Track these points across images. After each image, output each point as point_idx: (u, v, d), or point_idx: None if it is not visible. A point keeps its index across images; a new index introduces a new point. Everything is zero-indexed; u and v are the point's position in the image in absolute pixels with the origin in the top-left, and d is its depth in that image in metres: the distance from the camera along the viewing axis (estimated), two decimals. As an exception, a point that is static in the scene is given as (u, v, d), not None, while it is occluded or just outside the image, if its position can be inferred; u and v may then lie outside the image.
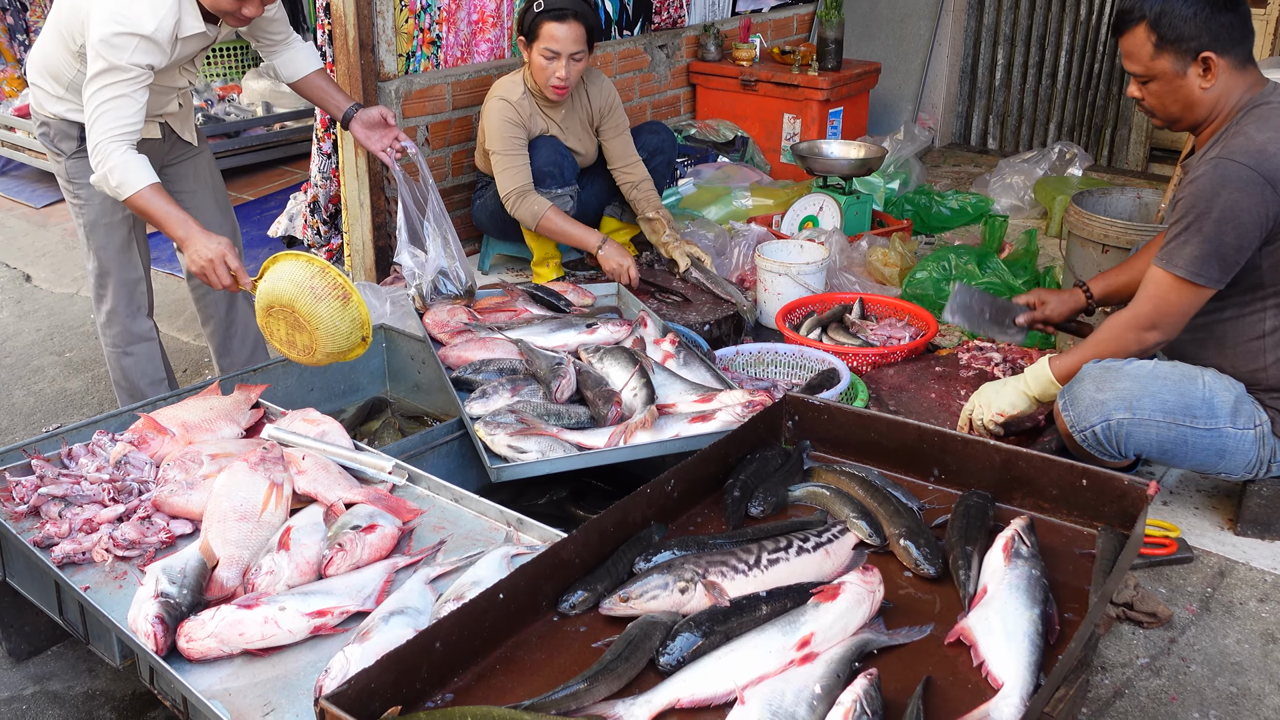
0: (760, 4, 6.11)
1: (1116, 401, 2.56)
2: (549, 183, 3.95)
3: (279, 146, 6.20)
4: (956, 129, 6.82)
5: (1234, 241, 2.45)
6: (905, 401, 3.26)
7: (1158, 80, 2.57)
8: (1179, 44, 2.50)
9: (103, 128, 2.71)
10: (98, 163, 2.73)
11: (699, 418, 2.60)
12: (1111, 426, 2.57)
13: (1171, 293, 2.54)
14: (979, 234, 4.75)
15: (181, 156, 3.19)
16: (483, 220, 4.26)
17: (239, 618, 1.88)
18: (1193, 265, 2.50)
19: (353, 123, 3.28)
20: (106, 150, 2.72)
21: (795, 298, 3.88)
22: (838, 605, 1.83)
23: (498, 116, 3.92)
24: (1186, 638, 2.44)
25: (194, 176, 3.22)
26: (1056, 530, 2.19)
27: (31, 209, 5.74)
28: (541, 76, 3.89)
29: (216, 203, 3.29)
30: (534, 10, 3.81)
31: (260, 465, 2.27)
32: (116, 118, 2.72)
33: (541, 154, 3.95)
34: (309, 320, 2.65)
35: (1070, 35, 6.24)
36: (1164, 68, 2.54)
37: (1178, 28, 2.49)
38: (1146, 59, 2.55)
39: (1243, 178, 2.42)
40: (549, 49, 3.81)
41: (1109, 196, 3.70)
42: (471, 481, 2.67)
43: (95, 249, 3.11)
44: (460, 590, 1.97)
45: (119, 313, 3.16)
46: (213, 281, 2.79)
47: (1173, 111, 2.61)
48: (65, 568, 2.12)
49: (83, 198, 3.04)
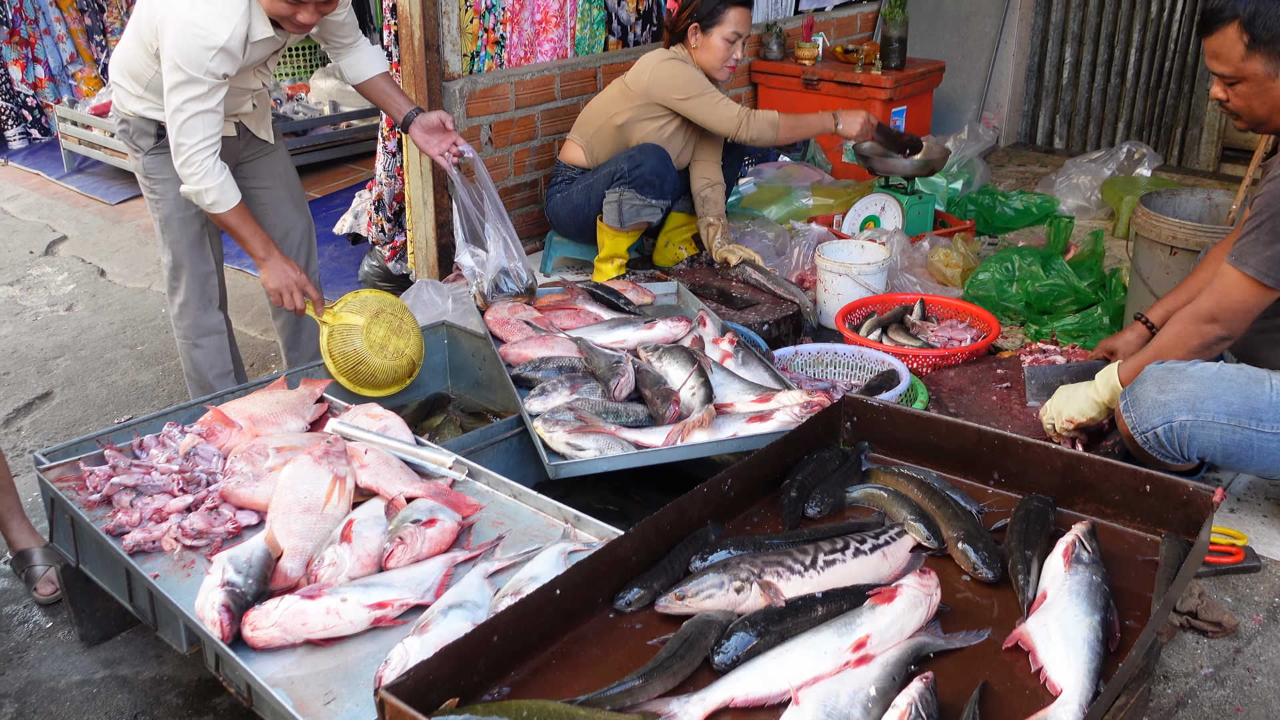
0: (823, 3, 6.08)
1: (1179, 403, 2.52)
2: (648, 191, 3.96)
3: (345, 145, 6.30)
4: (1022, 128, 6.74)
5: None
6: (966, 404, 3.23)
7: (1247, 82, 2.51)
8: (1274, 45, 2.44)
9: (193, 141, 2.82)
10: (190, 174, 2.86)
11: (756, 418, 2.60)
12: (1174, 428, 2.53)
13: (1236, 290, 2.51)
14: (1044, 235, 4.68)
15: (258, 154, 3.26)
16: (562, 215, 4.21)
17: (302, 608, 1.92)
18: (1263, 265, 2.46)
19: (412, 127, 3.32)
20: (200, 164, 2.84)
21: (855, 298, 3.86)
22: (894, 608, 1.82)
23: (682, 69, 4.04)
24: (1253, 648, 2.39)
25: (269, 174, 3.30)
26: (1119, 536, 2.16)
27: (106, 205, 5.89)
28: (717, 59, 4.05)
29: (292, 199, 3.37)
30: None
31: (324, 459, 2.31)
32: (204, 129, 2.83)
33: (649, 162, 3.96)
34: (411, 329, 3.10)
35: (1140, 33, 6.13)
36: (1255, 69, 2.48)
37: (1273, 28, 2.42)
38: (1237, 60, 2.48)
39: None
40: (735, 32, 4.01)
41: (1178, 197, 3.63)
42: (530, 478, 2.70)
43: (170, 242, 3.19)
44: (518, 585, 1.99)
45: (191, 305, 3.24)
46: (285, 302, 3.06)
47: (1260, 114, 2.55)
48: (135, 555, 2.18)
49: (159, 193, 3.12)
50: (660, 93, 4.05)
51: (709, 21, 4.01)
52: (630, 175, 3.94)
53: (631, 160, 3.96)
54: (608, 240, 4.08)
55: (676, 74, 4.04)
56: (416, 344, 3.12)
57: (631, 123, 4.11)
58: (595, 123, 4.17)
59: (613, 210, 3.97)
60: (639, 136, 4.11)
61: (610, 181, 3.98)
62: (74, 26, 7.10)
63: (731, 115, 4.01)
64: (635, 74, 4.12)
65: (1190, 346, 2.61)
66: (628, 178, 3.95)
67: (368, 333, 2.99)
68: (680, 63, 4.06)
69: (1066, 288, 3.85)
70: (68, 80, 7.12)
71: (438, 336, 3.33)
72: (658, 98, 4.06)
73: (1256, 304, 2.51)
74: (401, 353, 3.05)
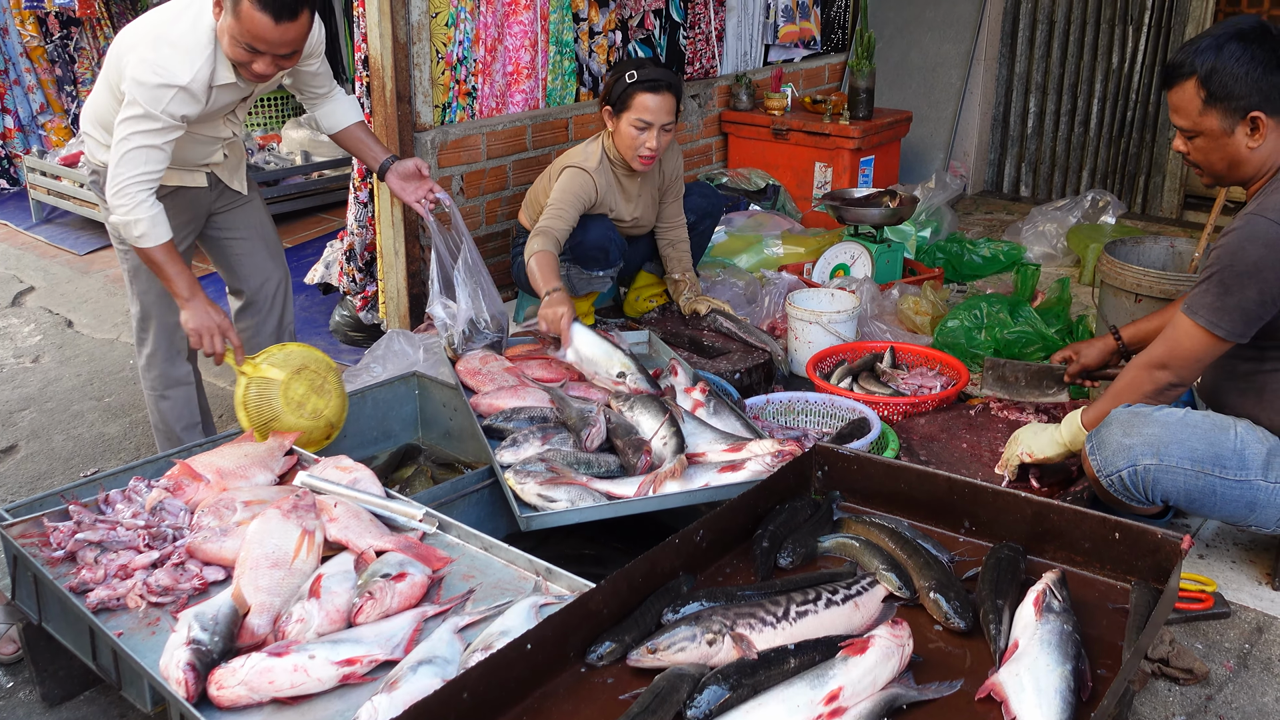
0: (792, 54, 6.17)
1: (1143, 447, 2.55)
2: (591, 265, 3.89)
3: (316, 194, 6.30)
4: (989, 177, 6.83)
5: (1257, 297, 2.45)
6: (936, 451, 3.24)
7: (1204, 136, 2.55)
8: (1228, 102, 2.48)
9: (131, 172, 2.78)
10: (120, 204, 2.79)
11: (728, 467, 2.61)
12: (1138, 472, 2.55)
13: (1187, 339, 2.55)
14: (1011, 282, 4.74)
15: (231, 205, 3.26)
16: (522, 279, 4.15)
17: (269, 665, 1.89)
18: (1212, 315, 2.50)
19: (388, 174, 3.33)
20: (134, 195, 2.79)
21: (826, 346, 3.88)
22: (866, 659, 1.82)
23: (572, 184, 3.79)
24: (1224, 695, 2.40)
25: (244, 224, 3.29)
26: (1089, 584, 2.17)
27: (75, 255, 5.85)
28: (630, 146, 3.82)
29: (268, 249, 3.36)
30: (626, 80, 3.77)
31: (292, 513, 2.29)
32: (145, 164, 2.79)
33: (591, 233, 3.84)
34: (334, 389, 2.96)
35: (1103, 83, 6.25)
36: (1212, 124, 2.52)
37: (1228, 86, 2.47)
38: (1194, 114, 2.53)
39: (1271, 235, 2.42)
40: (641, 119, 3.76)
41: (1142, 245, 3.69)
42: (501, 529, 2.68)
43: (138, 293, 3.17)
44: (489, 640, 1.97)
45: (158, 356, 3.22)
46: (205, 346, 2.92)
47: (1218, 168, 2.60)
48: (99, 613, 2.14)
49: (129, 243, 3.11)
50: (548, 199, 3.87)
51: (619, 107, 3.81)
52: (573, 252, 3.87)
53: (573, 238, 3.82)
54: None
55: (561, 183, 3.82)
56: (337, 406, 2.95)
57: None
58: (536, 206, 4.06)
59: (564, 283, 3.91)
60: None
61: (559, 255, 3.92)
62: (44, 77, 7.10)
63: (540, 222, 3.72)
64: (551, 170, 4.00)
65: (1143, 392, 2.65)
66: (570, 254, 3.88)
67: (286, 389, 2.84)
68: (579, 175, 3.82)
69: (1034, 335, 3.89)
70: (37, 130, 7.11)
71: (409, 387, 3.32)
72: None
73: (1206, 353, 2.55)
74: (319, 413, 2.89)
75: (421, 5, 4.07)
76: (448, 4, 4.17)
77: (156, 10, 2.91)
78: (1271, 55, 2.44)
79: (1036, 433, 2.91)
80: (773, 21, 5.96)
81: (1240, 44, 2.45)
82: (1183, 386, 2.62)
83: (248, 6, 2.68)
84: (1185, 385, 2.62)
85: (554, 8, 4.62)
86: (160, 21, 2.85)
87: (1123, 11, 6.08)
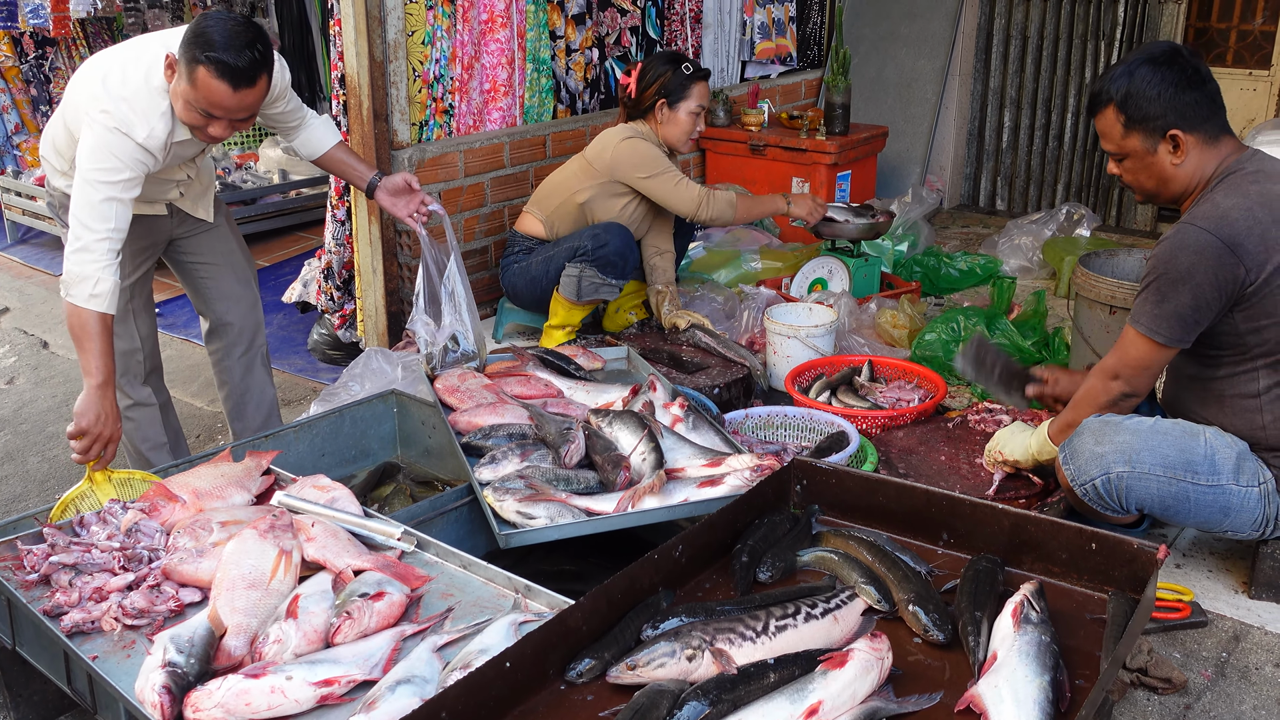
0: (768, 70, 6.20)
1: (1116, 455, 2.58)
2: (609, 271, 3.97)
3: (294, 213, 6.29)
4: (965, 191, 6.88)
5: (1190, 302, 2.50)
6: (915, 464, 3.25)
7: (1130, 158, 2.65)
8: (1146, 123, 2.58)
9: (101, 228, 2.68)
10: (83, 258, 2.67)
11: (707, 482, 2.60)
12: (1111, 480, 2.58)
13: (1133, 347, 2.61)
14: (988, 295, 4.76)
15: (195, 231, 3.23)
16: (518, 286, 4.22)
17: (245, 687, 1.87)
18: (1151, 323, 2.55)
19: (378, 191, 3.29)
20: (101, 255, 2.68)
21: (804, 360, 3.89)
22: (846, 673, 1.82)
23: (644, 146, 4.11)
24: (1202, 704, 2.41)
25: (209, 250, 3.26)
26: (1067, 595, 2.17)
27: (50, 276, 5.81)
28: (686, 133, 4.20)
29: (235, 276, 3.32)
30: (684, 72, 4.13)
31: (269, 532, 2.27)
32: (113, 219, 2.70)
33: (614, 243, 3.97)
34: None
35: (1076, 98, 6.31)
36: (1134, 146, 2.62)
37: (1143, 108, 2.56)
38: (1118, 138, 2.63)
39: (1200, 242, 2.47)
40: (700, 105, 4.17)
41: (1115, 258, 3.72)
42: (480, 547, 2.67)
43: None
44: (467, 658, 1.96)
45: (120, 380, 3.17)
46: (80, 445, 2.68)
47: (1148, 187, 2.68)
48: (74, 637, 2.12)
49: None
50: (624, 171, 4.10)
51: (676, 97, 4.13)
52: (594, 253, 3.94)
53: (596, 239, 3.95)
54: (561, 310, 4.09)
55: (638, 152, 4.09)
56: None
57: (594, 200, 4.14)
58: (556, 198, 4.19)
59: (571, 284, 3.98)
60: (600, 213, 4.14)
61: (572, 255, 3.99)
62: (19, 97, 7.06)
63: (692, 196, 4.08)
64: (596, 152, 4.16)
65: (1099, 403, 2.70)
66: (590, 255, 3.95)
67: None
68: (641, 140, 4.12)
69: (1011, 347, 3.91)
70: (12, 151, 7.06)
71: (387, 405, 3.31)
72: (621, 176, 4.11)
73: (1153, 361, 2.60)
74: None
75: (398, 24, 4.07)
76: (424, 22, 4.18)
77: (108, 56, 2.85)
78: (1181, 75, 2.54)
79: (1013, 434, 3.01)
80: (749, 38, 6.00)
81: (1150, 67, 2.55)
82: (1137, 396, 2.67)
83: (204, 74, 2.63)
84: (1139, 395, 2.67)
85: (531, 25, 4.64)
86: (110, 72, 2.77)
87: (1095, 27, 6.14)
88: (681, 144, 4.23)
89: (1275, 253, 2.47)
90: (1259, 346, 2.56)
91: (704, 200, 4.08)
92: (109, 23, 7.01)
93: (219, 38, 2.62)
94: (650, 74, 4.16)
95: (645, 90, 4.16)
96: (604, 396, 3.21)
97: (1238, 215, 2.47)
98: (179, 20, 7.08)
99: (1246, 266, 2.46)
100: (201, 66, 2.63)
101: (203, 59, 2.63)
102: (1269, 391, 2.58)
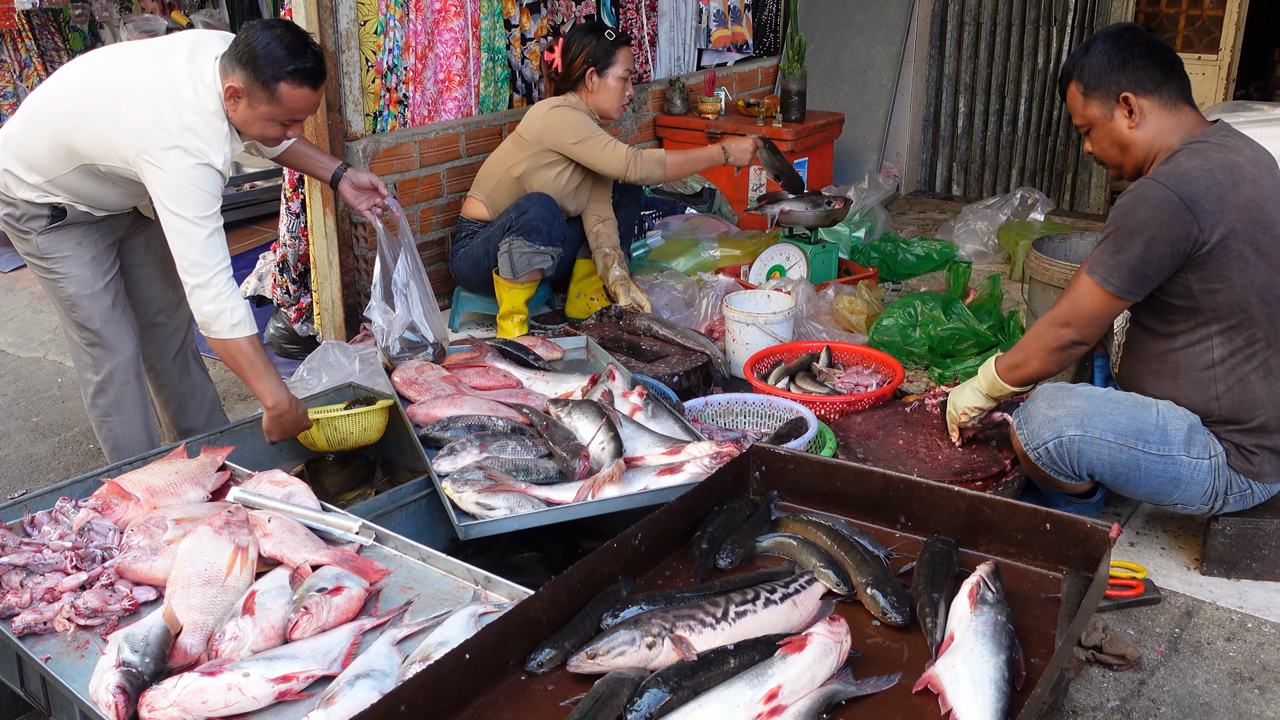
0: (725, 58, 6.20)
1: (1068, 418, 2.63)
2: (535, 238, 4.01)
3: (248, 206, 6.22)
4: (921, 176, 6.92)
5: (1143, 255, 2.54)
6: (873, 448, 3.27)
7: (1095, 128, 2.74)
8: (1102, 90, 2.68)
9: (213, 262, 2.76)
10: (208, 294, 2.76)
11: (667, 470, 2.61)
12: (1063, 443, 2.63)
13: (1087, 296, 2.65)
14: (944, 280, 4.80)
15: (137, 230, 3.19)
16: (465, 269, 4.27)
17: (202, 685, 1.86)
18: (1105, 272, 2.60)
19: (341, 183, 3.28)
20: (223, 286, 2.78)
21: (763, 347, 3.91)
22: (805, 657, 1.83)
23: (571, 114, 4.15)
24: (1156, 679, 2.45)
25: (145, 248, 3.22)
26: (1022, 575, 2.20)
27: (-1, 274, 5.72)
28: (617, 97, 4.27)
29: (164, 274, 3.25)
30: (608, 39, 4.20)
31: (225, 529, 2.25)
32: (220, 250, 2.79)
33: (534, 209, 4.03)
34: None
35: (1029, 83, 6.36)
36: (1094, 114, 2.71)
37: (1099, 75, 2.68)
38: (1080, 108, 2.74)
39: (1160, 196, 2.52)
40: (627, 69, 4.25)
41: (1069, 241, 3.76)
42: (440, 539, 2.66)
43: (82, 320, 3.05)
44: (427, 651, 1.95)
45: (113, 384, 3.11)
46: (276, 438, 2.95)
47: (1113, 155, 2.75)
48: (26, 638, 2.09)
49: (61, 271, 2.99)
50: (552, 138, 4.14)
51: (604, 64, 4.21)
52: (517, 223, 4.02)
53: (518, 209, 4.05)
54: (505, 295, 4.11)
55: (565, 119, 4.13)
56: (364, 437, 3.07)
57: (529, 172, 4.18)
58: (494, 176, 4.25)
59: (505, 261, 4.02)
60: (536, 185, 4.19)
61: (503, 233, 4.04)
62: (-36, 91, 6.92)
63: (620, 157, 4.11)
64: (526, 124, 4.22)
65: (1047, 347, 2.74)
66: (515, 225, 4.02)
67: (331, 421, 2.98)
68: (569, 108, 4.17)
69: (967, 331, 3.94)
70: (-42, 146, 6.93)
71: (344, 398, 3.28)
72: (550, 144, 4.15)
73: (1105, 311, 2.64)
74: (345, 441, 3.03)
75: (350, 13, 4.03)
76: (376, 12, 4.14)
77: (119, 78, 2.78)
78: (1132, 44, 2.65)
79: (960, 391, 3.07)
80: (705, 26, 5.99)
81: (1106, 41, 2.69)
82: (1085, 345, 2.72)
83: (288, 88, 2.74)
84: (1087, 343, 2.71)
85: (485, 14, 4.60)
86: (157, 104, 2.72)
87: (1047, 13, 6.19)
88: (614, 110, 4.29)
89: (1230, 216, 2.52)
90: (1212, 310, 2.59)
91: (632, 160, 4.11)
92: (55, 14, 6.88)
93: (282, 51, 2.71)
94: (575, 45, 4.22)
95: (573, 62, 4.23)
96: (563, 386, 3.21)
97: (1198, 175, 2.53)
98: (127, 10, 6.96)
99: (1201, 225, 2.50)
100: (283, 83, 2.73)
101: (284, 75, 2.72)
102: (1223, 362, 2.62)
